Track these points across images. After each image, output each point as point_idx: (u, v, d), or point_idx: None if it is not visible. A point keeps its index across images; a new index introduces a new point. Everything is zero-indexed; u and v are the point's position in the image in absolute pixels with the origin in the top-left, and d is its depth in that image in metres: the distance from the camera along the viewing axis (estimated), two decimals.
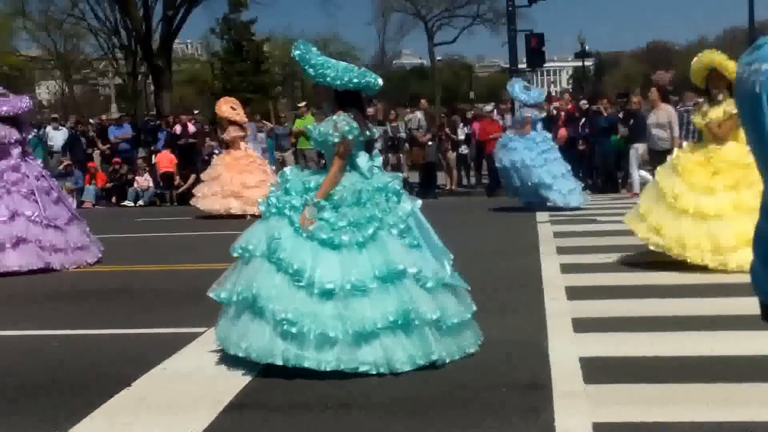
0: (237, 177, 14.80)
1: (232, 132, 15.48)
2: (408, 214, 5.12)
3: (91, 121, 24.84)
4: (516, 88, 14.29)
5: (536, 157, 13.37)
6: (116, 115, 24.38)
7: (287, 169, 5.43)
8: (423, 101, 19.73)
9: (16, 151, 9.55)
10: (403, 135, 19.14)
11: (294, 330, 4.72)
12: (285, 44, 58.28)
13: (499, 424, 4.02)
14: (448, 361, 4.95)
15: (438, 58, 68.63)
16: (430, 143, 18.53)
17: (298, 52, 5.19)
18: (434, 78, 64.65)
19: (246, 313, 4.95)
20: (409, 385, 4.64)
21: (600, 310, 6.29)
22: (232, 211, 14.31)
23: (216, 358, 5.24)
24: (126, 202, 19.49)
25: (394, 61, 77.26)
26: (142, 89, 47.14)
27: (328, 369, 4.71)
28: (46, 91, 74.71)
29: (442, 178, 19.97)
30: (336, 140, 5.12)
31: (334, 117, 5.20)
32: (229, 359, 5.06)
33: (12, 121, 9.53)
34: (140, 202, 19.41)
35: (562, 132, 17.28)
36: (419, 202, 5.36)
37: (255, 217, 7.42)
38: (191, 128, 20.46)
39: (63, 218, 9.66)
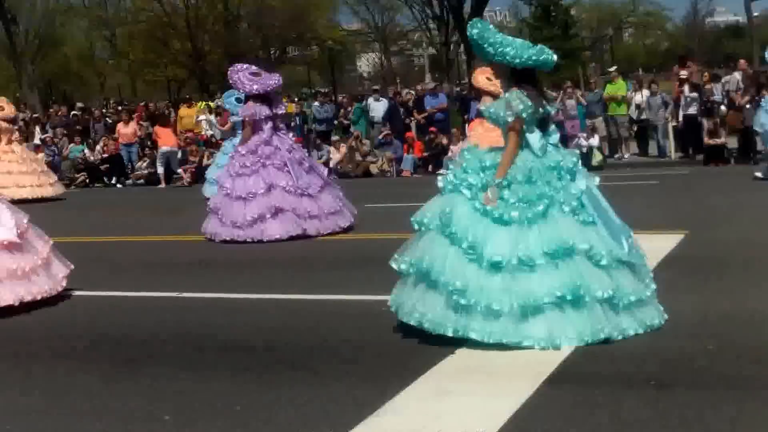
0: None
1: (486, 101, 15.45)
2: (581, 192, 5.10)
3: (409, 91, 25.72)
4: None
5: None
6: (431, 85, 25.07)
7: (465, 149, 5.50)
8: (742, 61, 18.53)
9: (267, 126, 10.13)
10: (718, 98, 18.02)
11: (463, 301, 4.85)
12: (592, 8, 56.84)
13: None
14: (622, 337, 4.91)
15: (755, 13, 63.37)
16: (748, 106, 17.31)
17: (476, 30, 5.21)
18: (752, 36, 59.85)
19: (420, 284, 5.12)
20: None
21: None
22: None
23: None
24: (441, 171, 20.02)
25: (707, 19, 72.57)
26: (454, 58, 48.17)
27: (491, 341, 4.82)
28: (366, 63, 78.53)
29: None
30: (509, 119, 5.16)
31: (507, 95, 5.24)
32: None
33: (263, 98, 10.16)
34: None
35: None
36: (597, 179, 5.35)
37: None
38: None
39: (315, 186, 10.13)
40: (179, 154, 21.13)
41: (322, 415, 4.15)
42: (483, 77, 16.02)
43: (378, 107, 21.63)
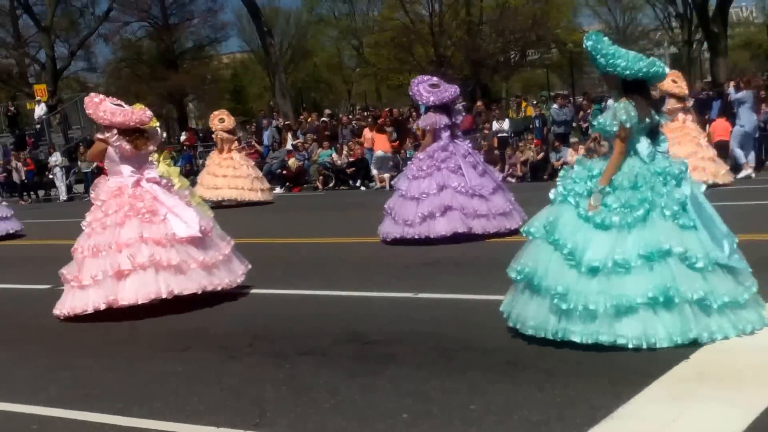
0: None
1: (669, 104, 15.21)
2: (684, 197, 5.27)
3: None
4: None
5: None
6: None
7: (577, 159, 5.83)
8: None
9: (445, 134, 10.81)
10: None
11: (564, 306, 5.12)
12: None
13: None
14: (711, 339, 5.03)
15: None
16: None
17: (590, 42, 5.48)
18: None
19: (527, 289, 5.43)
20: None
21: None
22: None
23: None
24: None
25: None
26: (696, 57, 46.19)
27: (589, 342, 5.06)
28: None
29: None
30: (615, 129, 5.41)
31: (615, 105, 5.47)
32: None
33: (442, 108, 10.79)
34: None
35: None
36: (703, 186, 5.53)
37: None
38: None
39: (488, 188, 10.60)
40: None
41: (556, 417, 4.20)
42: (668, 79, 15.65)
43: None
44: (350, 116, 30.28)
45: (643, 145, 5.47)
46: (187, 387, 5.20)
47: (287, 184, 24.03)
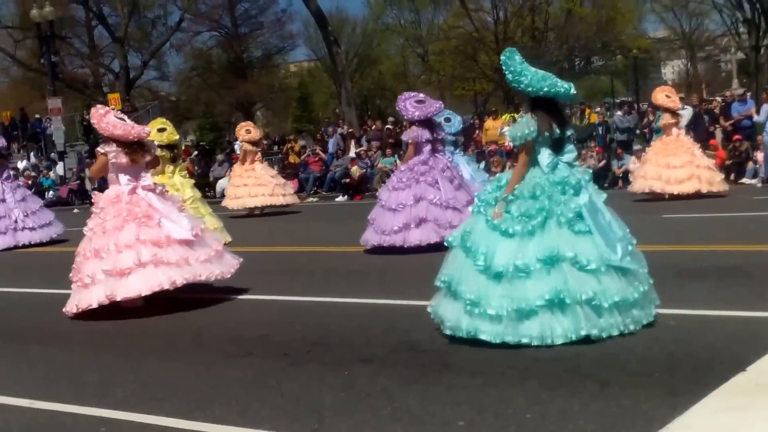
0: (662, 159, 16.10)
1: (664, 119, 16.41)
2: (579, 206, 5.74)
3: (716, 98, 24.66)
4: None
5: None
6: (739, 91, 23.80)
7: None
8: None
9: (426, 148, 11.39)
10: None
11: (476, 310, 5.64)
12: None
13: None
14: (602, 336, 5.55)
15: None
16: None
17: (503, 57, 5.96)
18: None
19: (447, 294, 5.98)
20: None
21: None
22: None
23: None
24: (744, 180, 19.11)
25: None
26: (763, 63, 45.14)
27: (497, 341, 5.59)
28: (671, 71, 75.83)
29: None
30: (517, 142, 5.99)
31: (518, 119, 6.11)
32: None
33: (425, 123, 11.38)
34: (754, 181, 18.94)
35: None
36: (604, 195, 6.05)
37: None
38: None
39: (461, 201, 11.04)
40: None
41: (610, 427, 4.21)
42: (662, 95, 16.63)
43: (681, 115, 20.89)
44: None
45: (544, 156, 5.96)
46: (248, 392, 5.32)
47: (350, 192, 24.18)
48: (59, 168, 33.22)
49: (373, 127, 29.22)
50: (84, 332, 7.77)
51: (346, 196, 23.94)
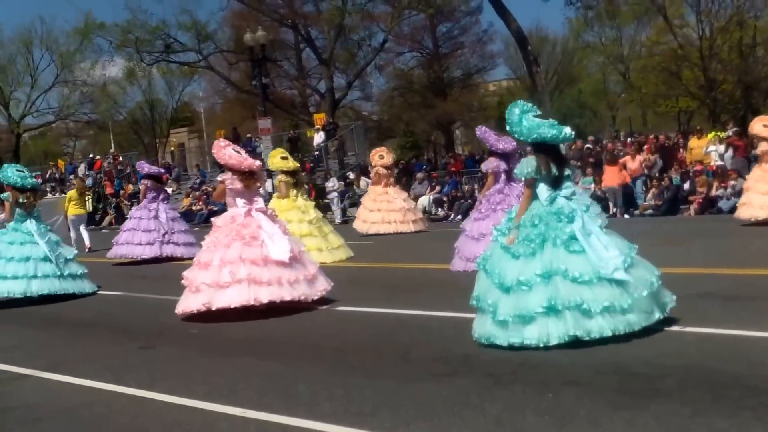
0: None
1: (761, 147, 15.86)
2: (573, 231, 6.93)
3: None
4: None
5: None
6: None
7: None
8: None
9: (502, 177, 12.35)
10: None
11: (498, 319, 6.81)
12: None
13: None
14: (591, 337, 6.57)
15: None
16: None
17: (507, 111, 7.41)
18: None
19: (478, 310, 7.18)
20: None
21: None
22: None
23: None
24: None
25: None
26: None
27: (505, 345, 6.75)
28: None
29: None
30: (521, 177, 7.48)
31: (522, 160, 7.49)
32: None
33: (503, 156, 12.34)
34: None
35: None
36: (600, 221, 7.27)
37: None
38: None
39: None
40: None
41: None
42: (760, 125, 16.25)
43: None
44: (614, 142, 29.75)
45: (542, 191, 7.22)
46: (451, 411, 5.45)
47: None
48: (268, 185, 34.77)
49: (574, 146, 28.82)
50: (296, 345, 8.19)
51: None
